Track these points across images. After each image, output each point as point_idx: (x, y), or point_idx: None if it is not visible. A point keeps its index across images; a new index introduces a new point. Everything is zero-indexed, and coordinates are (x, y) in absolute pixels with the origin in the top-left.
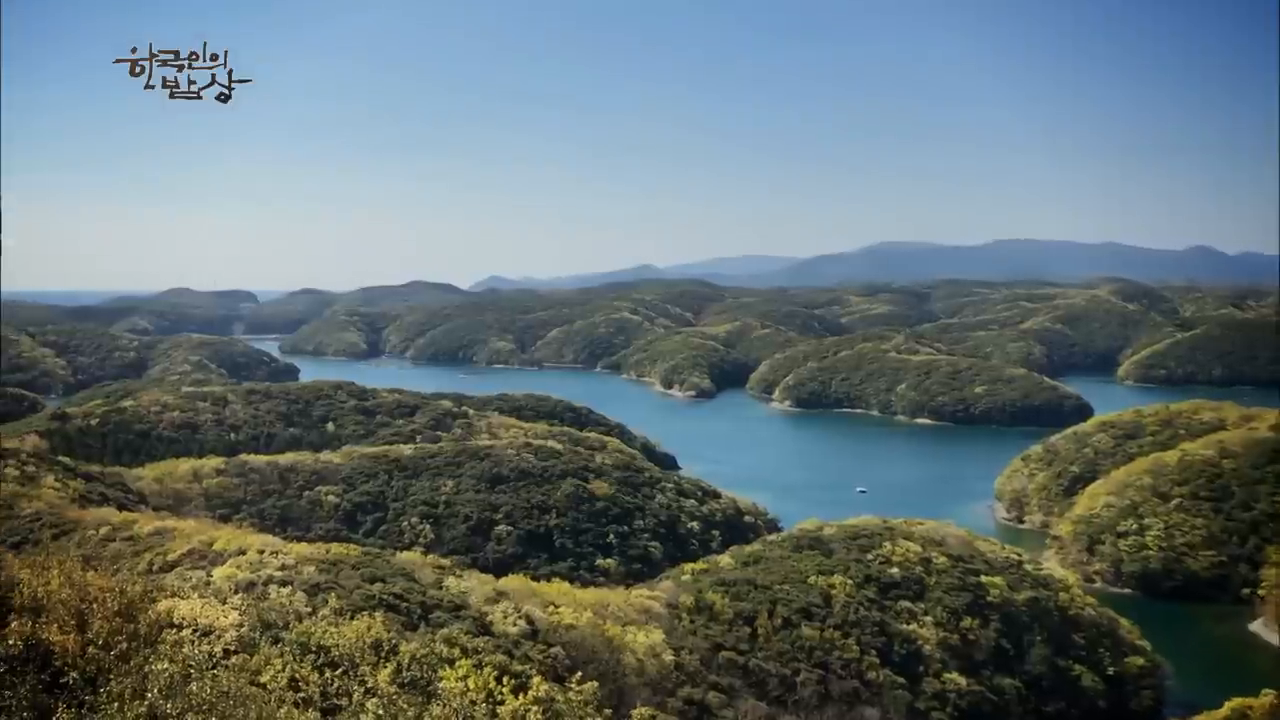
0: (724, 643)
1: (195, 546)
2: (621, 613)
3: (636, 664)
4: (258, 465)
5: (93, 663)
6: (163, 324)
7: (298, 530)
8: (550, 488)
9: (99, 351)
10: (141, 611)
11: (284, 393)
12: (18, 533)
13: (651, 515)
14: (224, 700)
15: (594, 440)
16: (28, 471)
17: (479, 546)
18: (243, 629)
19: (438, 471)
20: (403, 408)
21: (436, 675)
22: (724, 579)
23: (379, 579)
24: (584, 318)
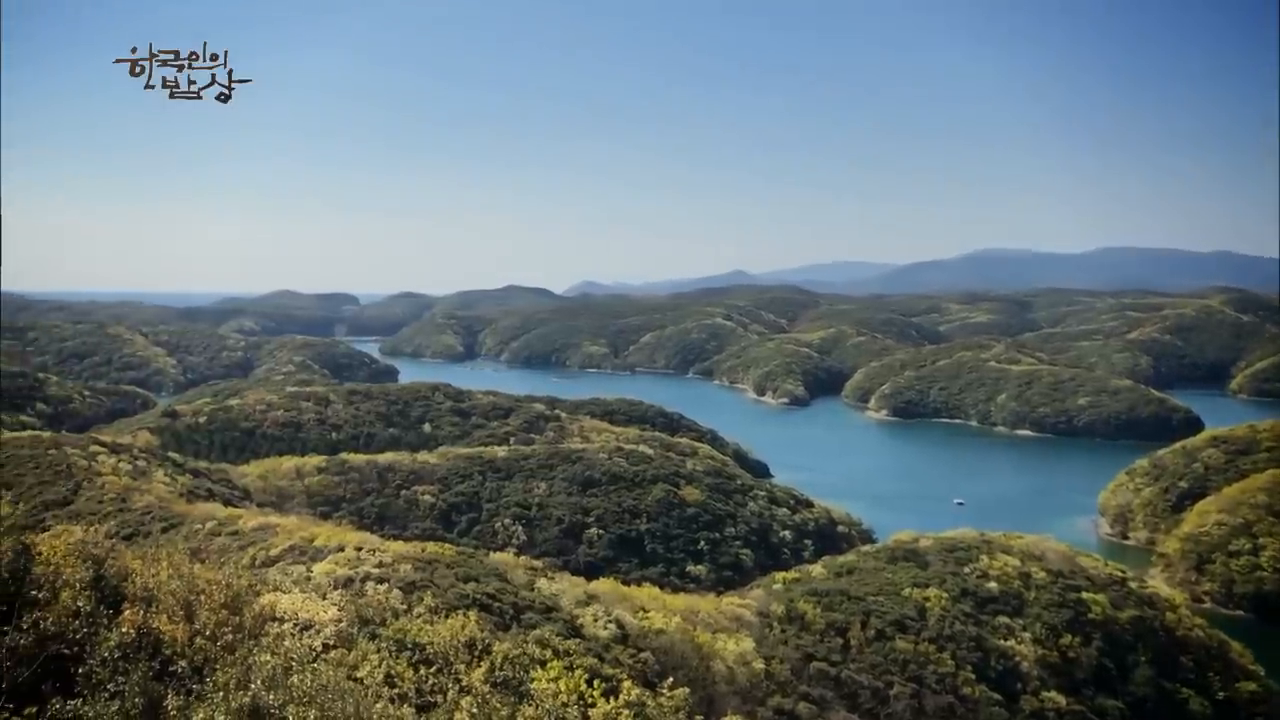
0: (815, 653)
1: (296, 542)
2: (712, 620)
3: (726, 671)
4: (357, 464)
5: (200, 653)
6: (268, 325)
7: (394, 528)
8: (641, 492)
9: (208, 351)
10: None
11: (383, 394)
12: (129, 525)
13: (743, 523)
14: (323, 693)
15: (685, 446)
16: (139, 466)
17: (570, 549)
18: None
19: (530, 473)
20: (497, 410)
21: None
22: (816, 589)
23: (473, 579)
24: (676, 323)
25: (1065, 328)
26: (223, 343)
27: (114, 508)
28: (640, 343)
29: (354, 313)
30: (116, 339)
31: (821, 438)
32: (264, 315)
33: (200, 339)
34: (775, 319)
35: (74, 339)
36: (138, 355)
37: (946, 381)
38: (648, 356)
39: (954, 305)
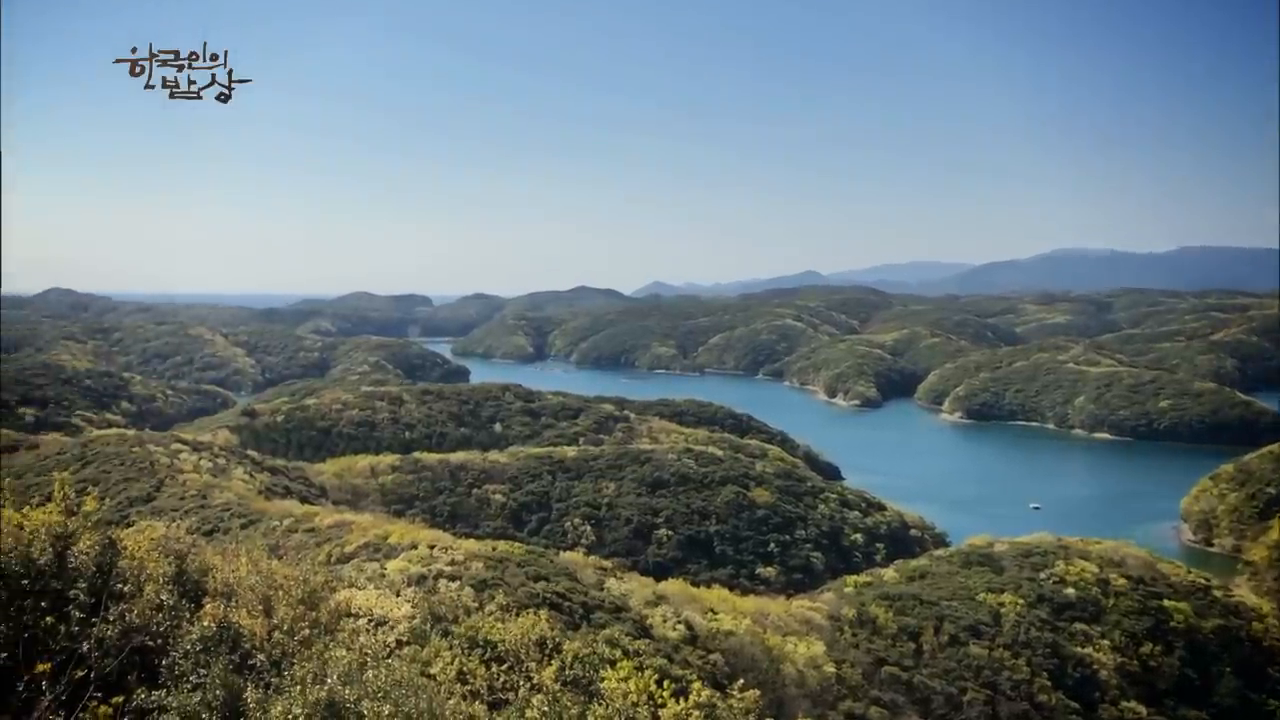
0: (887, 657)
1: (371, 540)
2: (782, 622)
3: (796, 675)
4: (430, 463)
5: (278, 647)
6: (344, 326)
7: (466, 527)
8: (710, 494)
9: (285, 351)
10: (322, 600)
11: (455, 393)
12: (210, 521)
13: (814, 525)
14: (397, 689)
15: (755, 448)
16: (219, 464)
17: (639, 549)
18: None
19: (600, 474)
20: (567, 410)
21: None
22: (888, 593)
23: (543, 578)
24: (746, 324)
25: (1146, 329)
26: (300, 343)
27: (195, 504)
28: (709, 344)
29: (427, 314)
30: (198, 339)
31: (894, 440)
32: (340, 316)
33: (278, 339)
34: (847, 320)
35: (157, 340)
36: (218, 355)
37: (1023, 383)
38: (717, 357)
39: (1030, 306)
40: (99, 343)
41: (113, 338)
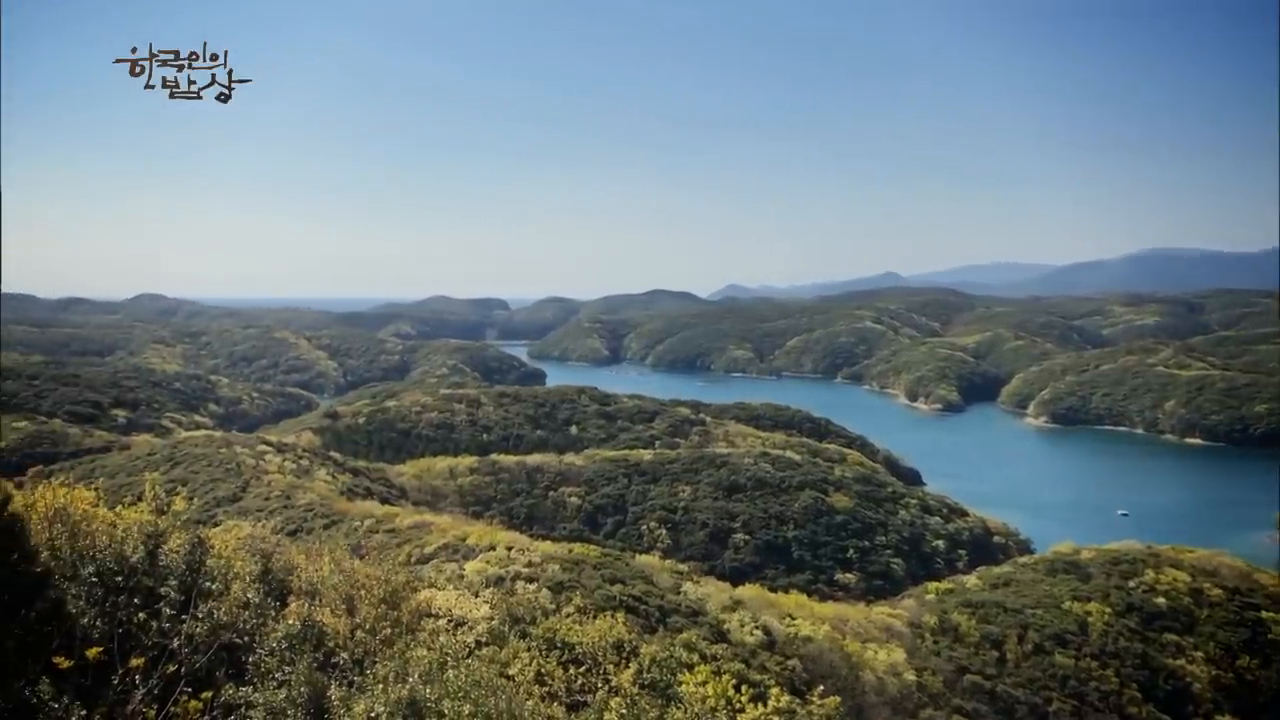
0: (969, 666)
1: (449, 541)
2: (861, 629)
3: (876, 682)
4: (507, 465)
5: (360, 646)
6: (424, 329)
7: (543, 529)
8: (788, 498)
9: (367, 354)
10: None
11: (532, 396)
12: (293, 521)
13: (894, 531)
14: (477, 689)
15: (834, 452)
16: (303, 465)
17: (716, 554)
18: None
19: (675, 477)
20: (642, 413)
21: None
22: (971, 600)
23: (619, 580)
24: (824, 326)
25: (1240, 330)
26: (381, 346)
27: (279, 504)
28: (786, 346)
29: (504, 317)
30: (283, 343)
31: (976, 445)
32: (420, 320)
33: (360, 343)
34: (928, 322)
35: (243, 343)
36: (302, 358)
37: (1110, 387)
38: (794, 360)
39: (1118, 307)
40: (187, 346)
41: (200, 341)
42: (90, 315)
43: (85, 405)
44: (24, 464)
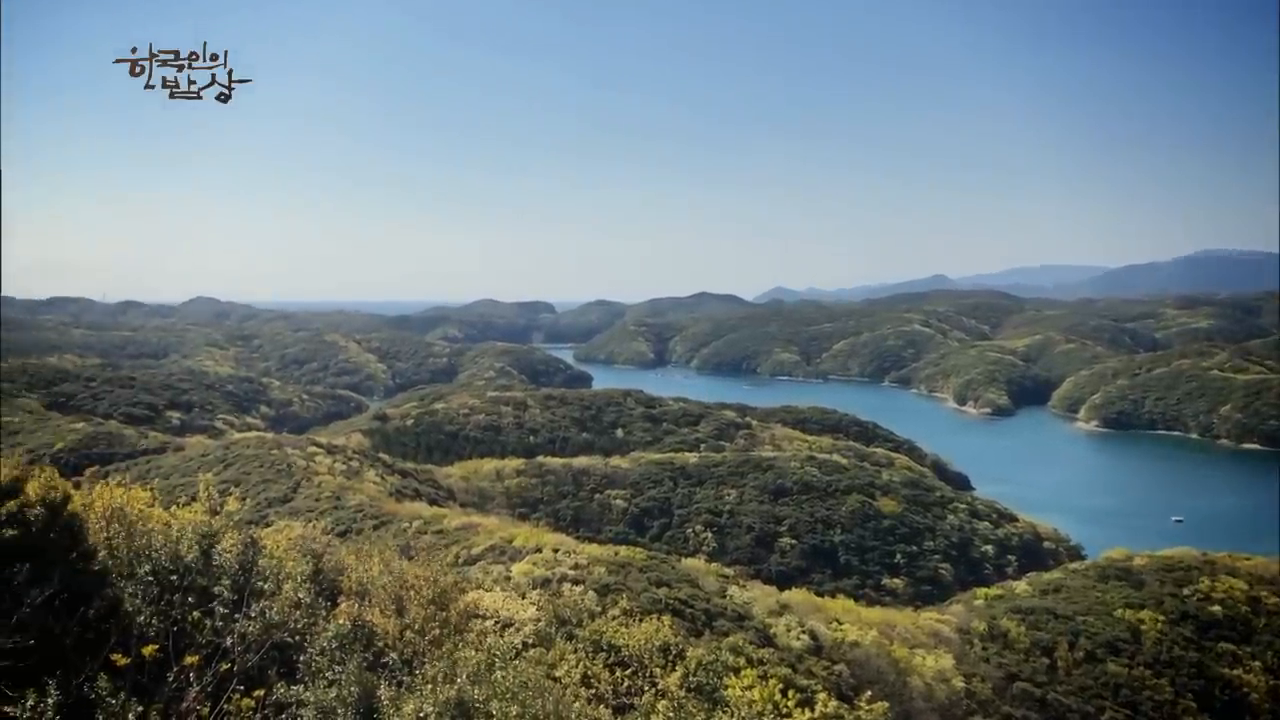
0: (1019, 673)
1: (496, 542)
2: (909, 634)
3: (924, 688)
4: (553, 467)
5: (409, 646)
6: (471, 332)
7: (589, 531)
8: (835, 502)
9: (415, 357)
10: (452, 601)
11: (578, 399)
12: (343, 522)
13: (942, 536)
14: (524, 690)
15: (881, 456)
16: (352, 466)
17: (762, 558)
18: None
19: (721, 480)
20: (688, 416)
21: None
22: (1020, 606)
23: (665, 584)
24: (871, 329)
25: None
26: (429, 349)
27: (329, 505)
28: (833, 349)
29: (550, 320)
30: (333, 346)
31: (1026, 449)
32: (467, 323)
33: (408, 346)
34: (977, 325)
35: (294, 346)
36: (352, 361)
37: (1163, 391)
38: (841, 364)
39: (1171, 310)
40: (240, 349)
41: (253, 344)
42: (146, 318)
43: (141, 407)
44: (81, 465)
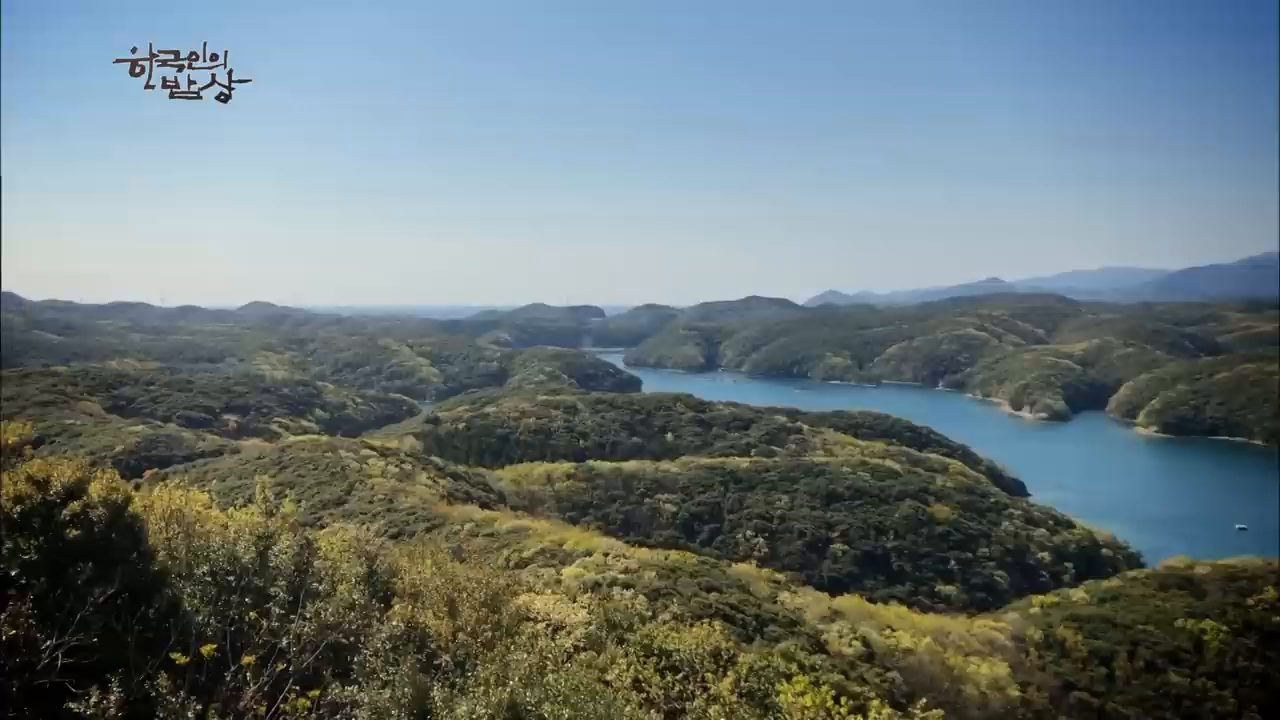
0: (1076, 682)
1: (547, 545)
2: (963, 642)
3: (979, 696)
4: (603, 471)
5: (462, 648)
6: (521, 336)
7: (639, 535)
8: (888, 508)
9: (466, 361)
10: (504, 604)
11: (628, 403)
12: (396, 524)
13: (997, 543)
14: (576, 694)
15: (935, 462)
16: (405, 469)
17: (813, 563)
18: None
19: (772, 486)
20: (738, 421)
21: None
22: (1077, 614)
23: (715, 589)
24: (925, 333)
25: None
26: (480, 353)
27: (382, 508)
28: (886, 354)
29: (599, 324)
30: (386, 350)
31: (1083, 455)
32: (517, 327)
33: (460, 350)
34: (1033, 329)
35: (348, 350)
36: (404, 365)
37: (1226, 396)
38: (894, 368)
39: (1235, 313)
40: (294, 353)
41: (307, 348)
42: (203, 323)
43: (199, 410)
44: (141, 467)
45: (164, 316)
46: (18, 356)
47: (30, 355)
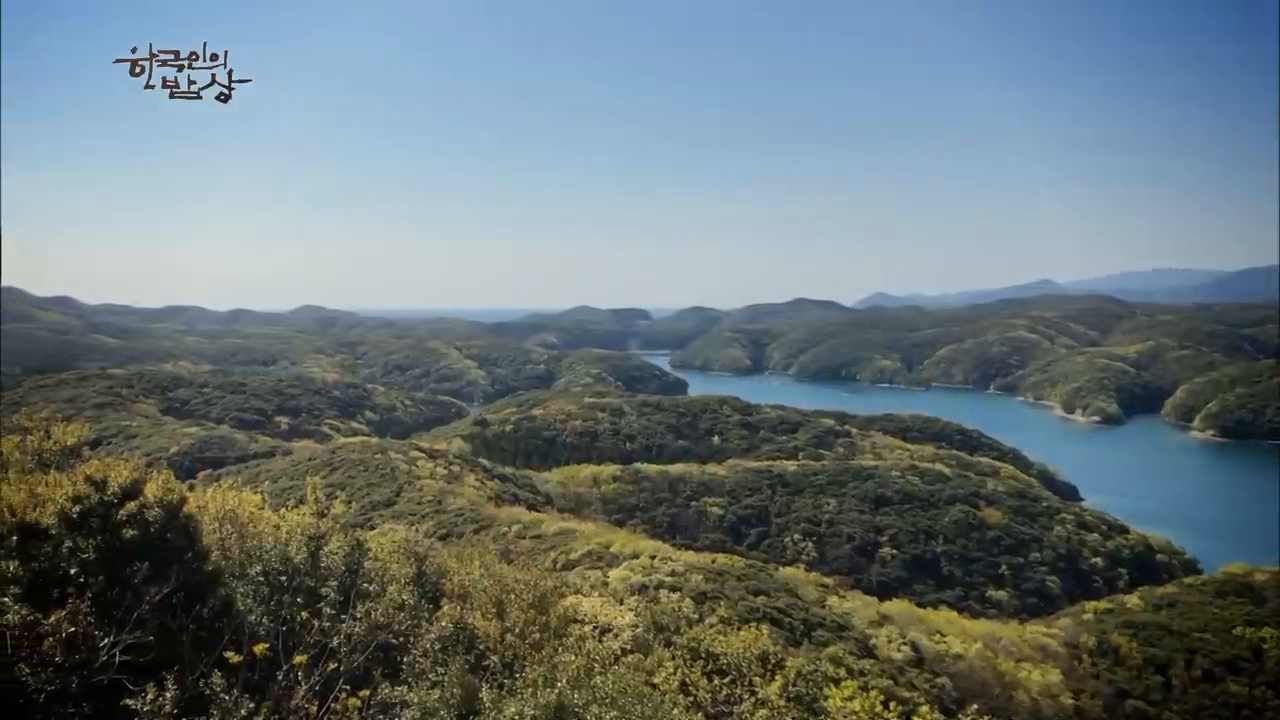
0: (1131, 690)
1: (594, 548)
2: (1014, 648)
3: (1030, 703)
4: (650, 474)
5: (510, 649)
6: (567, 339)
7: (685, 538)
8: (937, 512)
9: (514, 363)
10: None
11: (674, 406)
12: (444, 526)
13: (1049, 548)
14: (623, 696)
15: (985, 466)
16: (453, 471)
17: (862, 568)
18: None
19: (820, 489)
20: (785, 424)
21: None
22: (1132, 621)
23: (762, 592)
24: (975, 336)
25: None
26: (527, 356)
27: (431, 509)
28: (935, 356)
29: (645, 327)
30: (434, 353)
31: (1138, 459)
32: (563, 330)
33: (507, 352)
34: (1085, 331)
35: (397, 353)
36: (452, 368)
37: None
38: (943, 371)
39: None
40: (345, 356)
41: (357, 351)
42: (255, 326)
43: (251, 412)
44: (195, 468)
45: (217, 320)
46: (76, 359)
47: (88, 358)
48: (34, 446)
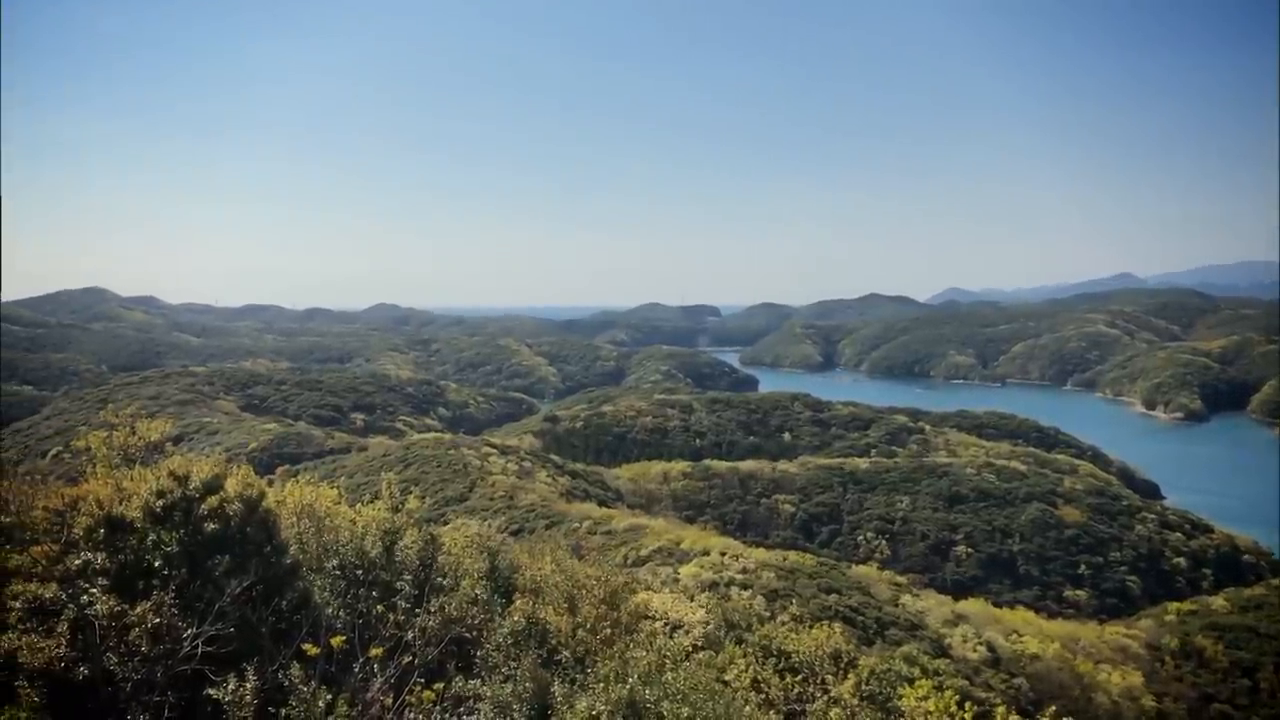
0: (1216, 694)
1: (664, 544)
2: (1094, 649)
3: (1110, 706)
4: (720, 471)
5: (581, 644)
6: (637, 336)
7: (756, 535)
8: (1013, 511)
9: (584, 360)
10: (622, 601)
11: (744, 402)
12: (516, 521)
13: (1129, 547)
14: (695, 693)
15: (1063, 463)
16: (524, 467)
17: (936, 566)
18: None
19: (893, 487)
20: (857, 421)
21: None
22: (1217, 623)
23: (834, 590)
24: (1052, 331)
25: None
26: (597, 353)
27: (503, 504)
28: (1011, 352)
29: (715, 324)
30: (505, 350)
31: (1222, 457)
32: (633, 327)
33: (577, 349)
34: (1167, 326)
35: (469, 350)
36: (523, 365)
37: None
38: (1019, 367)
39: None
40: (418, 353)
41: (430, 349)
42: (330, 325)
43: (327, 409)
44: (273, 463)
45: (294, 319)
46: (159, 358)
47: (170, 356)
48: (120, 443)
